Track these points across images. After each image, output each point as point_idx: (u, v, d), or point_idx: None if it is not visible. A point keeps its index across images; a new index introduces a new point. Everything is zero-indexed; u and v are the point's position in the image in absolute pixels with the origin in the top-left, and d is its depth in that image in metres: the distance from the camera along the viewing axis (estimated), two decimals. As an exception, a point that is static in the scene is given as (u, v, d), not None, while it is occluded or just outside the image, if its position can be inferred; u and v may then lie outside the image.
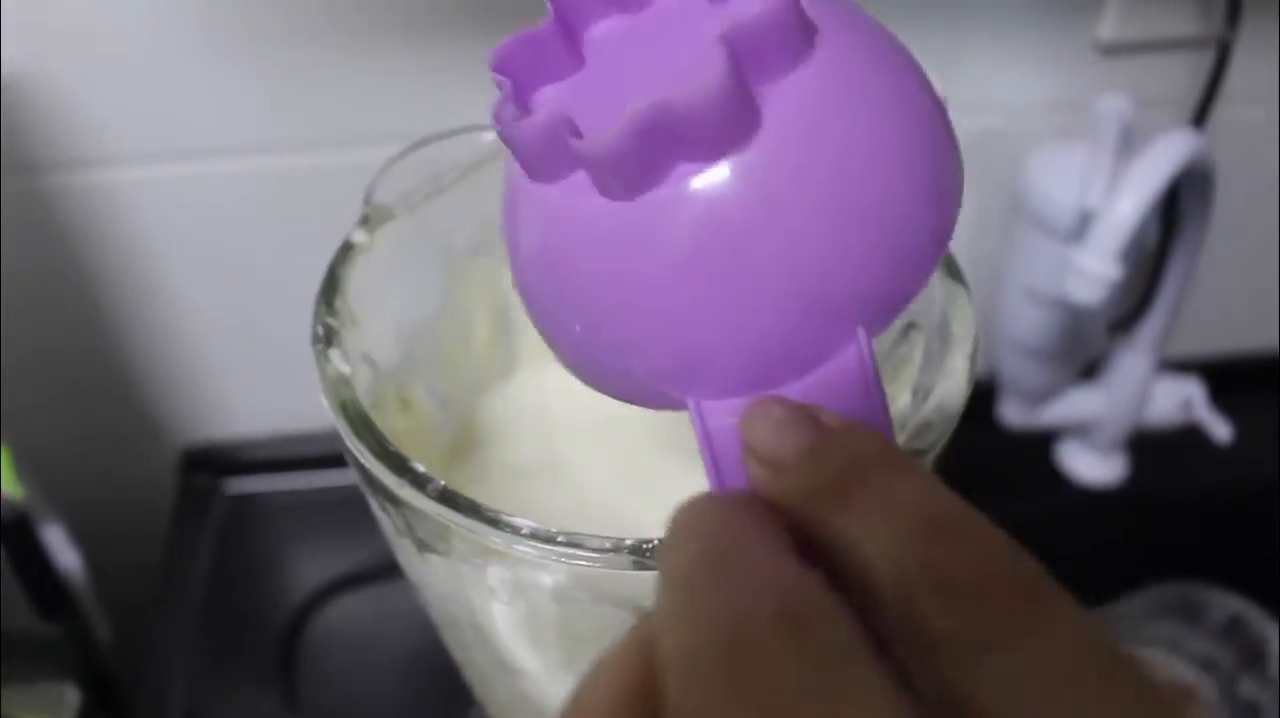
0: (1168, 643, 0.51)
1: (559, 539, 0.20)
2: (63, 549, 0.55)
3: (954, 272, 0.26)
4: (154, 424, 0.61)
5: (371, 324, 0.27)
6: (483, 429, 0.32)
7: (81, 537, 0.56)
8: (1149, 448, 0.61)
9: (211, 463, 0.62)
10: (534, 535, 0.20)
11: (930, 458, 0.22)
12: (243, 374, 0.59)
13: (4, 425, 0.51)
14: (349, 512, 0.30)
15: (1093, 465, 0.60)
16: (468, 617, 0.24)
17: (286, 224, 0.52)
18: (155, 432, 0.61)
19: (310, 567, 0.59)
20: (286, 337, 0.24)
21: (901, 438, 0.22)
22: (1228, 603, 0.52)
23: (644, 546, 0.20)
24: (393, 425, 0.27)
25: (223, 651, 0.55)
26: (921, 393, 0.27)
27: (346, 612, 0.56)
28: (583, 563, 0.20)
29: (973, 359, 0.24)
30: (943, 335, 0.26)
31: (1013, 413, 0.59)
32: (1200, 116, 0.49)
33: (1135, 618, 0.52)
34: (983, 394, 0.53)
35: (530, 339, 0.34)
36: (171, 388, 0.59)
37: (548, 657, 0.25)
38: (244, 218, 0.52)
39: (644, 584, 0.21)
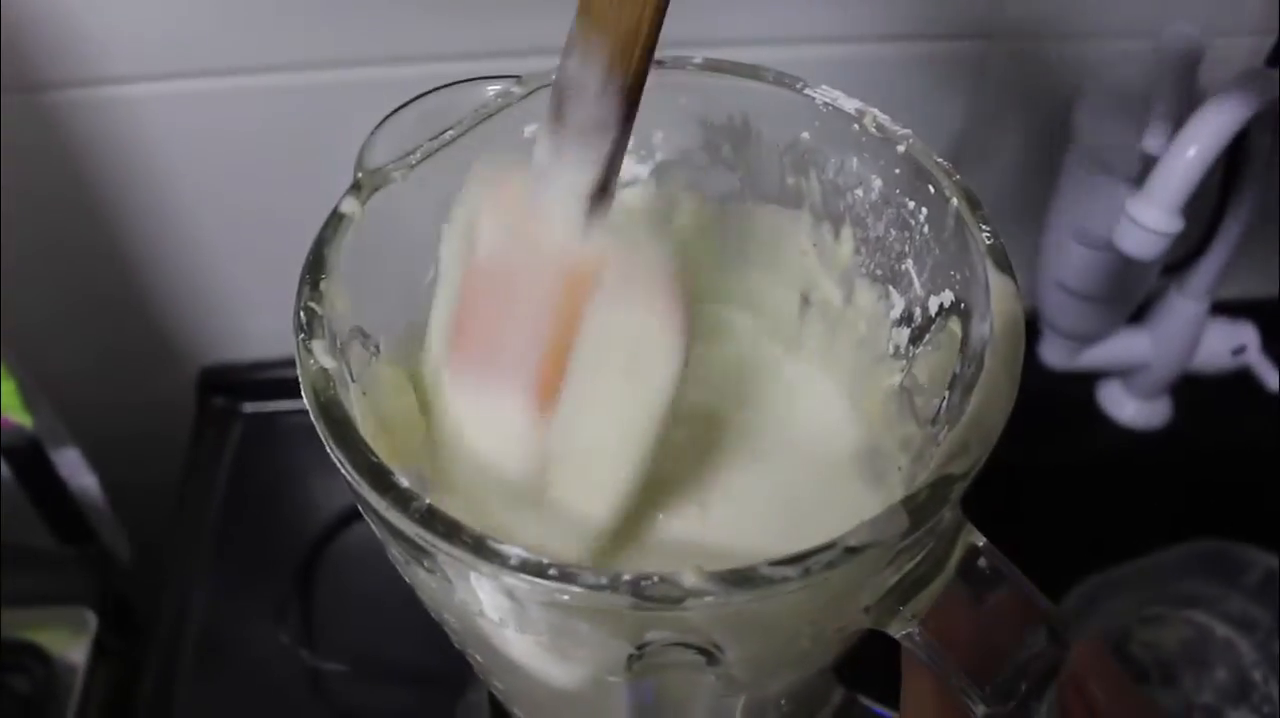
0: (1204, 601, 0.50)
1: (550, 573, 0.18)
2: (80, 472, 0.55)
3: (1001, 261, 0.24)
4: (172, 345, 0.60)
5: (364, 298, 0.25)
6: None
7: (99, 459, 0.56)
8: (1192, 392, 0.58)
9: (229, 384, 0.61)
10: (523, 567, 0.18)
11: (966, 484, 0.20)
12: (260, 295, 0.58)
13: (20, 348, 0.51)
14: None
15: (1135, 409, 0.58)
16: (462, 623, 0.23)
17: (304, 144, 0.50)
18: (173, 353, 0.60)
19: (328, 488, 0.58)
20: (304, 257, 0.23)
21: (934, 466, 0.20)
22: (1266, 561, 0.50)
23: (642, 582, 0.18)
24: (387, 407, 0.26)
25: (240, 572, 0.55)
26: (959, 388, 0.25)
27: (363, 538, 0.55)
28: (575, 600, 0.18)
29: (1017, 369, 0.22)
30: (986, 325, 0.24)
31: (1054, 354, 0.57)
32: (1278, 53, 0.45)
33: (1171, 572, 0.51)
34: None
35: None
36: (189, 309, 0.58)
37: (545, 657, 0.24)
38: (262, 138, 0.50)
39: (642, 619, 0.19)
